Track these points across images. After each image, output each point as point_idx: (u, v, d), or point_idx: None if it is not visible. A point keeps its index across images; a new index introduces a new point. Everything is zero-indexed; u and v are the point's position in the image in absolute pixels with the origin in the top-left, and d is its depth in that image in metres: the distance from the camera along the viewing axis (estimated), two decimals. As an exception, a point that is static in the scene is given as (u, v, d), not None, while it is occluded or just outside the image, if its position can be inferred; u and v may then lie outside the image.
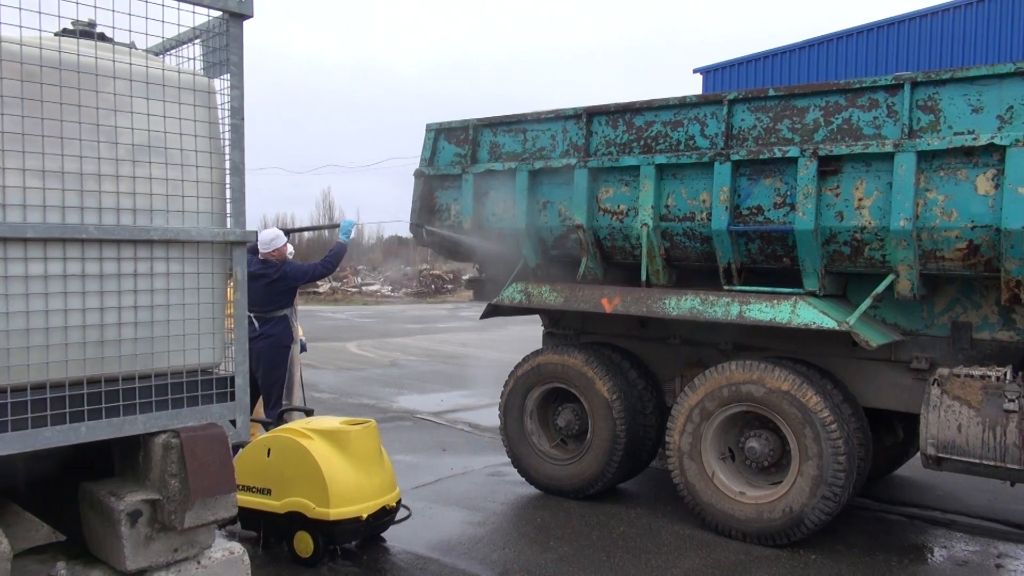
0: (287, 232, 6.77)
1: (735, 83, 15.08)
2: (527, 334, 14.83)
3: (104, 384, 2.74)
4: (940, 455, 4.61)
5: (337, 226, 6.71)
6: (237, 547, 3.19)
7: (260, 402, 7.01)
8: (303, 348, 7.47)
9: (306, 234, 59.14)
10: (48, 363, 2.62)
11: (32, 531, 3.94)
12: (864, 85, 4.75)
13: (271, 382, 6.24)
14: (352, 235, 6.64)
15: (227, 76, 3.02)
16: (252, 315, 6.12)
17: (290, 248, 6.57)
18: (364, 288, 36.14)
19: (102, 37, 2.94)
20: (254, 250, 6.29)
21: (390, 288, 35.75)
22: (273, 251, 6.31)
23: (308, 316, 21.78)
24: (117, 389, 2.77)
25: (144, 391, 2.83)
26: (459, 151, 6.48)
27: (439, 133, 6.61)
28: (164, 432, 2.87)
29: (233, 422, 3.07)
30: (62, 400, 2.64)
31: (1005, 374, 4.49)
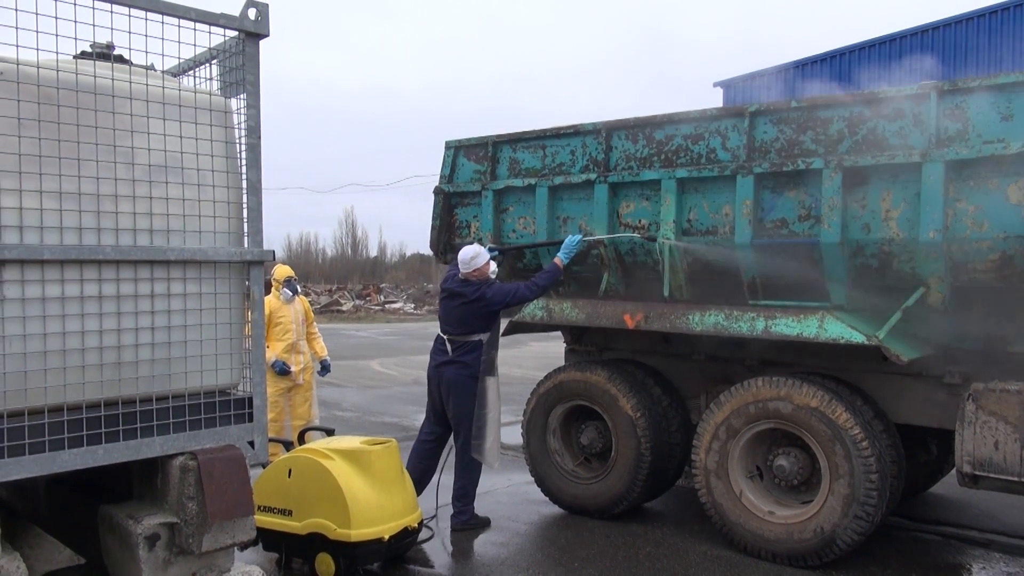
0: (500, 251, 6.05)
1: (756, 95, 15.00)
2: (549, 350, 14.73)
3: (121, 406, 2.73)
4: (977, 473, 4.46)
5: (558, 243, 5.75)
6: (256, 570, 3.15)
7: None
8: (327, 369, 7.46)
9: (329, 252, 59.19)
10: (65, 385, 2.61)
11: (55, 554, 3.94)
12: (889, 95, 4.66)
13: (461, 413, 5.63)
14: (573, 254, 5.68)
15: (243, 96, 3.02)
16: (446, 337, 5.68)
17: (493, 266, 5.87)
18: (387, 306, 36.28)
19: (120, 59, 2.96)
20: (455, 267, 5.73)
21: (413, 306, 35.85)
22: (474, 271, 5.60)
23: (332, 334, 21.87)
24: (134, 411, 2.75)
25: (161, 413, 2.82)
26: (478, 168, 6.46)
27: (458, 150, 6.60)
28: (181, 454, 2.85)
29: (252, 443, 3.05)
30: (79, 423, 2.62)
31: (1043, 388, 4.34)
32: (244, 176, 3.06)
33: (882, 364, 4.83)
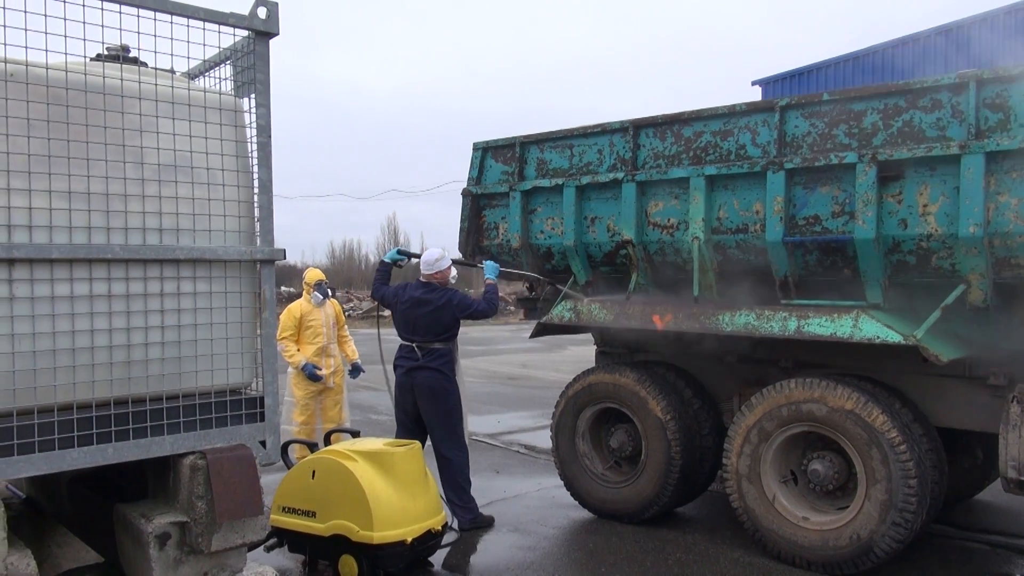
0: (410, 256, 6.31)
1: (795, 93, 14.65)
2: (587, 354, 14.61)
3: (132, 405, 2.74)
4: (1022, 478, 4.26)
5: (472, 265, 6.26)
6: (269, 570, 3.14)
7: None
8: (359, 371, 7.49)
9: (372, 258, 60.21)
10: (75, 384, 2.63)
11: (82, 552, 4.00)
12: (926, 85, 4.48)
13: (438, 417, 5.68)
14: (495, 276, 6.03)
15: (254, 95, 3.01)
16: (414, 345, 5.71)
17: (453, 272, 5.93)
18: (428, 311, 36.36)
19: (135, 61, 2.98)
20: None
21: (454, 311, 35.85)
22: (436, 273, 5.77)
23: (372, 339, 22.03)
24: (145, 410, 2.76)
25: (172, 412, 2.82)
26: (506, 169, 6.41)
27: (486, 151, 6.56)
28: (192, 453, 2.85)
29: (263, 443, 3.04)
30: (89, 421, 2.64)
31: (1093, 390, 4.12)
32: (255, 175, 3.05)
33: (921, 365, 4.63)
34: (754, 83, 15.42)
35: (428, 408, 5.70)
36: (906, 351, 4.55)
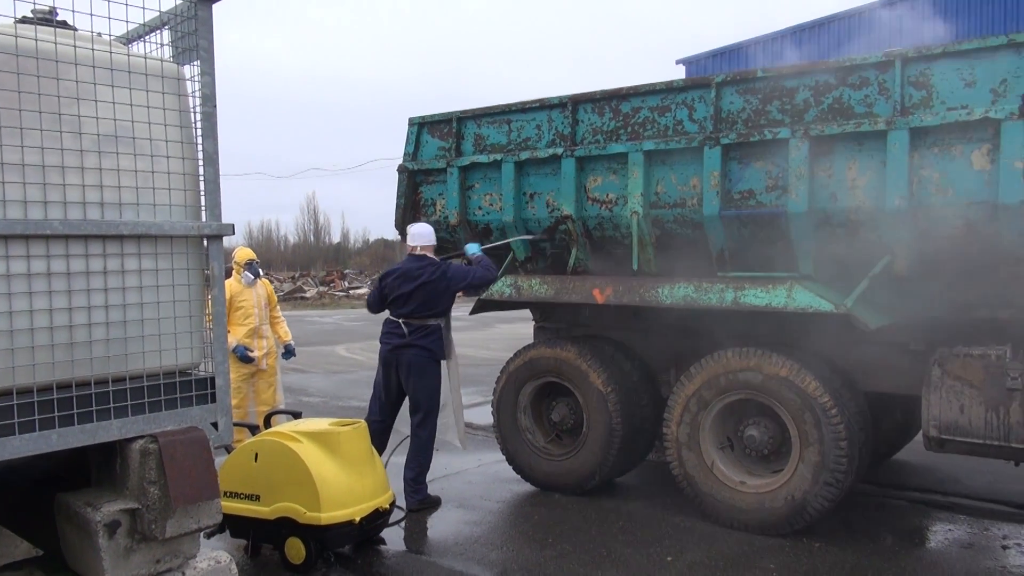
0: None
1: (720, 71, 15.02)
2: (518, 332, 14.70)
3: (75, 388, 2.60)
4: (943, 437, 4.52)
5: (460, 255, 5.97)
6: (224, 556, 3.05)
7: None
8: (291, 353, 7.33)
9: (291, 239, 58.64)
10: (14, 368, 2.47)
11: (11, 547, 3.79)
12: (854, 63, 4.65)
13: (421, 395, 5.57)
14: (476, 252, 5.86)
15: (197, 63, 2.88)
16: (401, 321, 5.59)
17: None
18: (352, 292, 35.95)
19: (64, 25, 2.80)
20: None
21: (378, 291, 35.48)
22: (430, 245, 5.73)
23: (296, 321, 21.58)
24: (89, 393, 2.63)
25: (118, 395, 2.69)
26: (443, 144, 6.34)
27: (422, 127, 6.47)
28: (141, 437, 2.73)
29: (215, 425, 2.94)
30: (30, 407, 2.49)
31: (1005, 352, 4.40)
32: (200, 146, 2.92)
33: (850, 332, 4.85)
34: (678, 62, 15.73)
35: (411, 386, 5.59)
36: (837, 319, 4.75)
